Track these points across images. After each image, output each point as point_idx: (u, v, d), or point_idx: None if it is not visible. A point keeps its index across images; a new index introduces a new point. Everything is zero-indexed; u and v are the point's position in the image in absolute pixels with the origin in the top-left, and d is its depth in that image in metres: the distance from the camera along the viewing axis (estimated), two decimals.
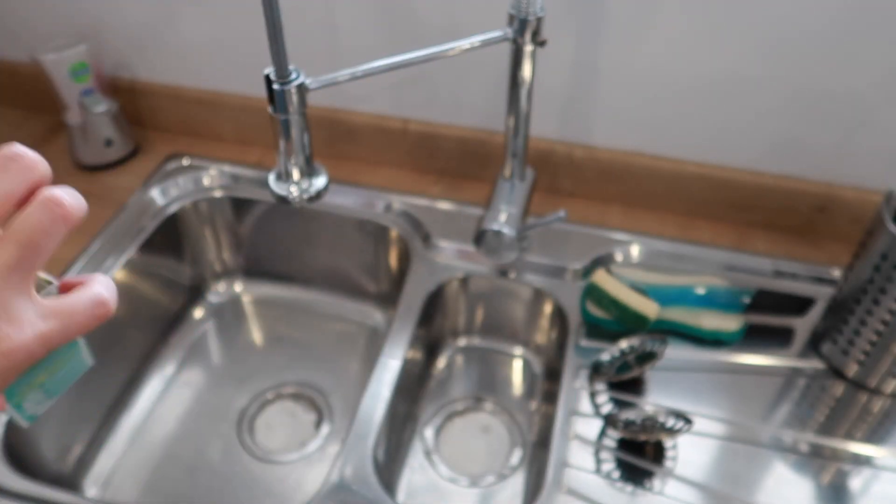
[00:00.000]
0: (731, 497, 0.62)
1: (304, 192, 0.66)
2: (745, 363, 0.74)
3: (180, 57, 0.95)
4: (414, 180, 0.94)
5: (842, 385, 0.72)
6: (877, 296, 0.65)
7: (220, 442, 0.82)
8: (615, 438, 0.67)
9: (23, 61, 0.99)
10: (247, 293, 0.98)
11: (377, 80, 0.65)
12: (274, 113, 0.61)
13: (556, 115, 0.86)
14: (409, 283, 0.81)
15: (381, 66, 0.63)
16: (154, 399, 0.85)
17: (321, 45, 0.87)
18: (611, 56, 0.79)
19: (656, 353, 0.70)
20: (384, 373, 0.72)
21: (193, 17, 0.90)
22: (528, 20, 0.64)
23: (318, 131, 0.94)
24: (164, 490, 0.77)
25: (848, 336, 0.70)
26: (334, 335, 0.94)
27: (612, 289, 0.74)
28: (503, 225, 0.73)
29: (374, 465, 0.65)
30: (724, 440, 0.67)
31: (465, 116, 0.90)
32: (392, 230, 0.87)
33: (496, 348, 0.89)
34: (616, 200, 0.91)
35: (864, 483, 0.64)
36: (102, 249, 0.82)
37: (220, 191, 0.92)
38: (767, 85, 0.77)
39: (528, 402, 0.84)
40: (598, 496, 0.62)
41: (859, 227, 0.81)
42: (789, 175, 0.84)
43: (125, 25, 0.93)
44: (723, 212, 0.88)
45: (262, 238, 0.95)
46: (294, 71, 0.59)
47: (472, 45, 0.65)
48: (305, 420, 0.85)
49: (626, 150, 0.87)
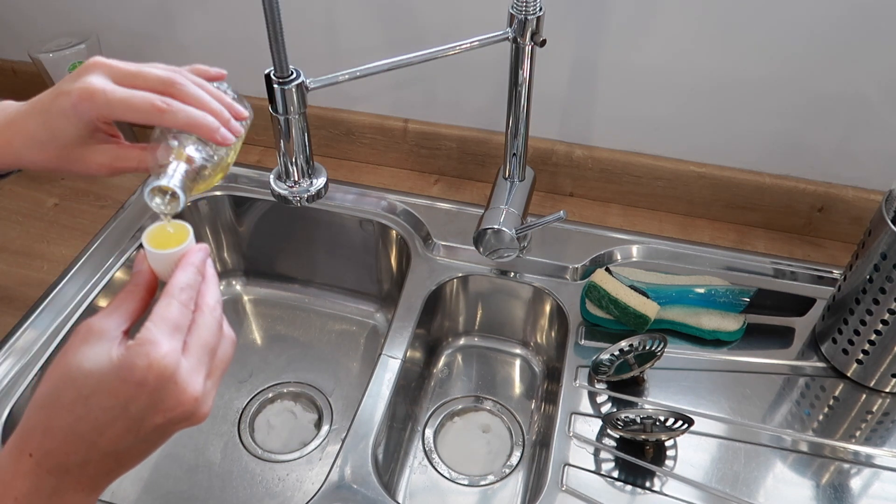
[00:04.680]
0: (731, 497, 0.62)
1: (304, 191, 0.66)
2: (745, 363, 0.74)
3: (180, 57, 0.94)
4: (414, 180, 0.94)
5: (842, 384, 0.72)
6: (877, 295, 0.65)
7: (220, 441, 0.82)
8: (615, 438, 0.67)
9: (23, 61, 0.99)
10: (247, 293, 0.98)
11: (377, 80, 0.65)
12: (274, 113, 0.61)
13: (556, 114, 0.86)
14: (409, 283, 0.81)
15: (381, 66, 0.63)
16: None
17: (321, 45, 0.87)
18: (611, 56, 0.79)
19: (656, 353, 0.70)
20: (384, 372, 0.72)
21: (193, 17, 0.90)
22: (528, 20, 0.64)
23: (318, 131, 0.95)
24: (164, 490, 0.77)
25: (848, 336, 0.70)
26: (334, 335, 0.94)
27: (612, 289, 0.74)
28: (503, 225, 0.73)
29: (374, 464, 0.65)
30: (723, 440, 0.67)
31: (465, 116, 0.90)
32: (392, 230, 0.87)
33: (496, 348, 0.89)
34: (616, 200, 0.91)
35: (864, 483, 0.64)
36: (102, 249, 0.82)
37: (220, 190, 0.92)
38: (767, 85, 0.77)
39: (528, 402, 0.84)
40: (598, 496, 0.62)
41: (859, 227, 0.81)
42: (789, 175, 0.84)
43: (125, 25, 0.93)
44: (723, 212, 0.88)
45: (262, 238, 0.95)
46: (294, 71, 0.59)
47: (472, 45, 0.65)
48: (305, 420, 0.85)
49: (626, 150, 0.87)
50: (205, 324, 0.41)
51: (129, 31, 0.93)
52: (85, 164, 0.52)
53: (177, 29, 0.91)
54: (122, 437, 0.38)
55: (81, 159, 0.51)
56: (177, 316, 0.39)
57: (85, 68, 0.50)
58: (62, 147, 0.51)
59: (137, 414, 0.37)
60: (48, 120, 0.50)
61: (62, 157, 0.51)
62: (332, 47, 0.87)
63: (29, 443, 0.37)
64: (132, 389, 0.37)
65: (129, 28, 0.93)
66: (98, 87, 0.48)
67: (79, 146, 0.51)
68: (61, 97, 0.49)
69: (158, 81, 0.49)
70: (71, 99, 0.48)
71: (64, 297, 0.77)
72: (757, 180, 0.84)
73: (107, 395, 0.37)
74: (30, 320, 0.74)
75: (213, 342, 0.41)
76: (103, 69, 0.49)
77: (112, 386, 0.37)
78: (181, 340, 0.39)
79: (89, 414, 0.37)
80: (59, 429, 0.37)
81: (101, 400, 0.37)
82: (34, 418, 0.38)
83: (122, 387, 0.37)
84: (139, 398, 0.37)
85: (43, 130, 0.50)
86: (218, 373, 0.42)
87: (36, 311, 0.75)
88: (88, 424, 0.37)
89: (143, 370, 0.36)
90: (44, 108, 0.51)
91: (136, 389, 0.37)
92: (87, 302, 0.77)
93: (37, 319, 0.75)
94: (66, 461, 0.37)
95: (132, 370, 0.36)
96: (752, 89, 0.78)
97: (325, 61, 0.87)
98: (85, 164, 0.52)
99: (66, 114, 0.49)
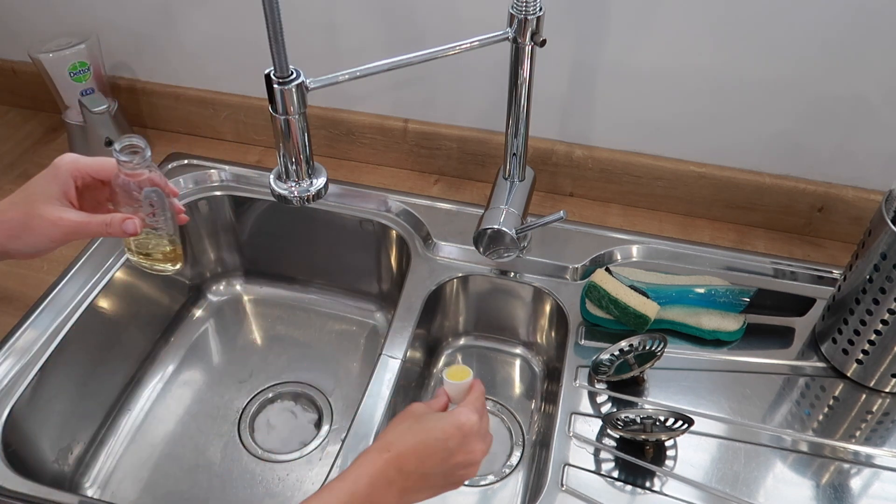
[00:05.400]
0: (731, 497, 0.62)
1: (304, 191, 0.66)
2: (745, 363, 0.74)
3: (180, 57, 0.95)
4: (414, 180, 0.94)
5: (842, 384, 0.72)
6: (877, 295, 0.65)
7: (220, 441, 0.82)
8: (615, 438, 0.67)
9: (23, 61, 0.99)
10: (247, 293, 0.98)
11: (377, 80, 0.65)
12: (274, 113, 0.61)
13: (556, 114, 0.86)
14: (409, 283, 0.81)
15: (381, 66, 0.63)
16: (154, 399, 0.85)
17: (321, 45, 0.87)
18: (611, 56, 0.79)
19: (656, 353, 0.70)
20: (384, 372, 0.72)
21: (193, 17, 0.90)
22: (528, 20, 0.64)
23: (318, 131, 0.95)
24: (163, 490, 0.77)
25: (848, 336, 0.70)
26: (334, 335, 0.94)
27: (612, 289, 0.74)
28: (503, 225, 0.73)
29: None
30: (723, 440, 0.67)
31: (465, 116, 0.90)
32: (392, 230, 0.87)
33: (496, 348, 0.89)
34: (616, 200, 0.91)
35: (864, 483, 0.64)
36: (102, 249, 0.82)
37: (220, 190, 0.92)
38: (768, 86, 0.77)
39: (528, 402, 0.84)
40: (598, 495, 0.62)
41: (859, 227, 0.81)
42: (789, 175, 0.84)
43: (125, 25, 0.93)
44: (723, 212, 0.88)
45: (262, 238, 0.95)
46: (294, 71, 0.59)
47: (472, 45, 0.65)
48: (305, 420, 0.85)
49: (626, 150, 0.87)
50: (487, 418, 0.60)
51: (128, 32, 0.93)
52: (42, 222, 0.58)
53: (177, 29, 0.91)
54: (437, 463, 0.54)
55: (42, 216, 0.58)
56: (479, 407, 0.59)
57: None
58: (29, 204, 0.58)
59: (452, 448, 0.55)
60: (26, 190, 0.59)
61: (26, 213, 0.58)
62: (332, 47, 0.87)
63: (388, 447, 0.54)
64: (454, 430, 0.55)
65: (129, 28, 0.93)
66: (74, 157, 0.60)
67: (44, 203, 0.58)
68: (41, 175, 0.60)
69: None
70: (52, 167, 0.59)
71: (64, 297, 0.77)
72: (757, 180, 0.84)
73: (440, 431, 0.55)
74: (30, 320, 0.74)
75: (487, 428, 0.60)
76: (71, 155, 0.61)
77: (444, 426, 0.55)
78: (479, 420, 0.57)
79: (427, 440, 0.55)
80: (409, 444, 0.54)
81: (436, 433, 0.55)
82: (393, 433, 0.55)
83: (449, 428, 0.55)
84: (456, 437, 0.55)
85: (19, 195, 0.59)
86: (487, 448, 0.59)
87: (36, 311, 0.75)
88: (425, 448, 0.54)
89: (464, 422, 0.55)
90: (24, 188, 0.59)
91: (457, 431, 0.55)
92: (87, 302, 0.77)
93: (37, 319, 0.75)
94: (404, 466, 0.53)
95: (458, 419, 0.56)
96: (752, 90, 0.78)
97: (325, 61, 0.87)
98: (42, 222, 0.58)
99: (45, 176, 0.59)
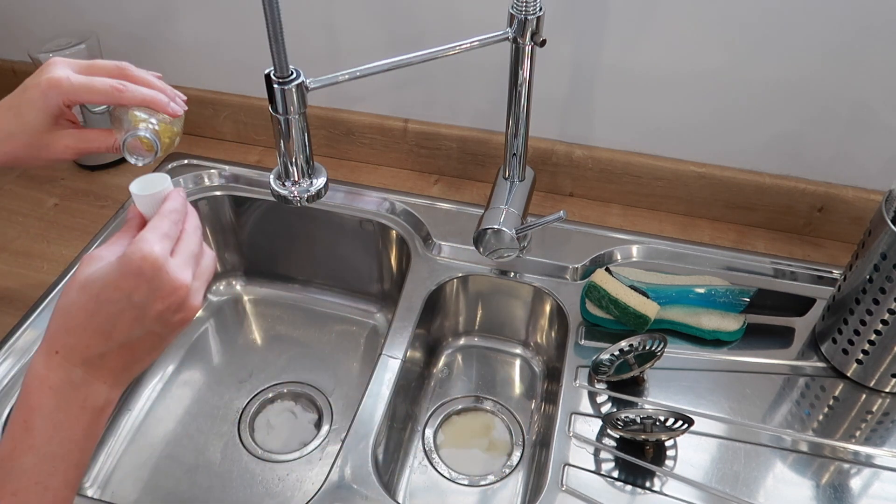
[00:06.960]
0: (731, 497, 0.62)
1: (304, 191, 0.66)
2: (745, 363, 0.74)
3: (180, 57, 0.95)
4: (414, 180, 0.94)
5: (842, 384, 0.72)
6: (877, 295, 0.65)
7: (219, 442, 0.82)
8: (615, 438, 0.67)
9: (23, 61, 0.99)
10: (247, 293, 0.98)
11: (377, 80, 0.65)
12: (274, 113, 0.61)
13: (556, 114, 0.86)
14: (409, 283, 0.81)
15: (381, 66, 0.63)
16: (154, 399, 0.85)
17: (321, 45, 0.87)
18: (611, 56, 0.79)
19: (656, 353, 0.70)
20: (384, 372, 0.72)
21: (193, 17, 0.90)
22: (528, 20, 0.64)
23: (318, 131, 0.95)
24: (163, 490, 0.77)
25: (848, 336, 0.70)
26: (334, 335, 0.94)
27: (612, 289, 0.74)
28: (503, 225, 0.73)
29: (374, 464, 0.65)
30: (723, 440, 0.67)
31: (464, 116, 0.90)
32: (392, 230, 0.87)
33: (496, 348, 0.89)
34: (616, 200, 0.91)
35: (864, 483, 0.64)
36: None
37: (221, 190, 0.92)
38: (768, 86, 0.77)
39: (528, 402, 0.84)
40: (598, 496, 0.62)
41: (859, 227, 0.81)
42: (789, 175, 0.84)
43: (125, 25, 0.93)
44: (723, 212, 0.88)
45: (262, 238, 0.95)
46: (294, 71, 0.59)
47: (472, 45, 0.65)
48: (305, 420, 0.85)
49: (626, 150, 0.87)
50: (189, 237, 0.48)
51: (128, 32, 0.93)
52: (52, 150, 0.59)
53: (176, 29, 0.91)
54: (131, 326, 0.44)
55: (48, 145, 0.59)
56: (166, 228, 0.46)
57: (46, 66, 0.58)
58: (31, 135, 0.58)
59: (140, 302, 0.44)
60: (18, 112, 0.58)
61: (31, 145, 0.58)
62: (332, 47, 0.87)
63: (54, 343, 0.44)
64: (132, 280, 0.43)
65: (129, 29, 0.93)
66: (62, 75, 0.57)
67: (46, 133, 0.58)
68: (30, 89, 0.57)
69: (113, 68, 0.59)
70: (40, 88, 0.57)
71: None
72: (757, 180, 0.84)
73: (112, 289, 0.43)
74: (30, 320, 0.74)
75: (196, 251, 0.48)
76: (63, 63, 0.58)
77: (115, 280, 0.43)
78: (170, 246, 0.46)
79: (100, 309, 0.44)
80: (78, 326, 0.44)
81: (109, 294, 0.43)
82: (56, 322, 0.45)
83: (124, 279, 0.43)
84: (139, 287, 0.43)
85: (13, 122, 0.58)
86: (203, 278, 0.48)
87: (36, 311, 0.75)
88: (101, 318, 0.44)
89: (139, 261, 0.43)
90: (13, 103, 0.58)
91: (136, 279, 0.43)
92: None
93: (37, 319, 0.75)
94: (88, 354, 0.44)
95: (130, 262, 0.43)
96: (752, 90, 0.78)
97: (325, 61, 0.87)
98: (52, 150, 0.59)
99: (36, 103, 0.57)
